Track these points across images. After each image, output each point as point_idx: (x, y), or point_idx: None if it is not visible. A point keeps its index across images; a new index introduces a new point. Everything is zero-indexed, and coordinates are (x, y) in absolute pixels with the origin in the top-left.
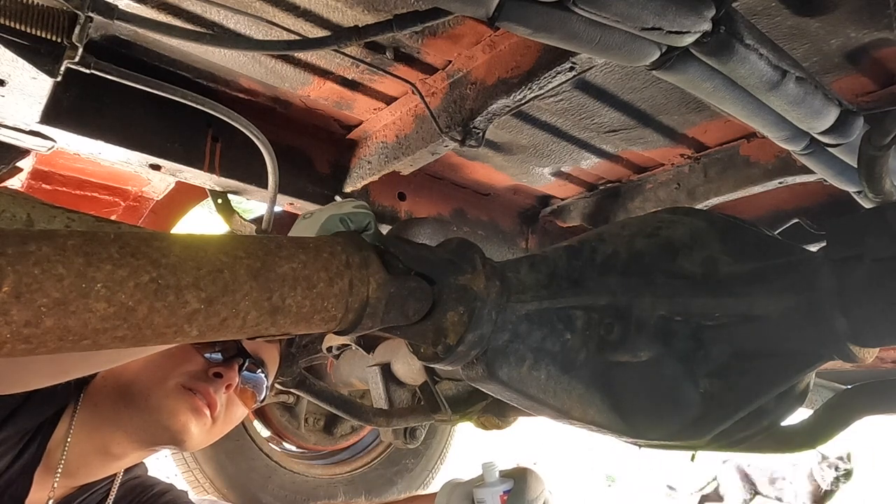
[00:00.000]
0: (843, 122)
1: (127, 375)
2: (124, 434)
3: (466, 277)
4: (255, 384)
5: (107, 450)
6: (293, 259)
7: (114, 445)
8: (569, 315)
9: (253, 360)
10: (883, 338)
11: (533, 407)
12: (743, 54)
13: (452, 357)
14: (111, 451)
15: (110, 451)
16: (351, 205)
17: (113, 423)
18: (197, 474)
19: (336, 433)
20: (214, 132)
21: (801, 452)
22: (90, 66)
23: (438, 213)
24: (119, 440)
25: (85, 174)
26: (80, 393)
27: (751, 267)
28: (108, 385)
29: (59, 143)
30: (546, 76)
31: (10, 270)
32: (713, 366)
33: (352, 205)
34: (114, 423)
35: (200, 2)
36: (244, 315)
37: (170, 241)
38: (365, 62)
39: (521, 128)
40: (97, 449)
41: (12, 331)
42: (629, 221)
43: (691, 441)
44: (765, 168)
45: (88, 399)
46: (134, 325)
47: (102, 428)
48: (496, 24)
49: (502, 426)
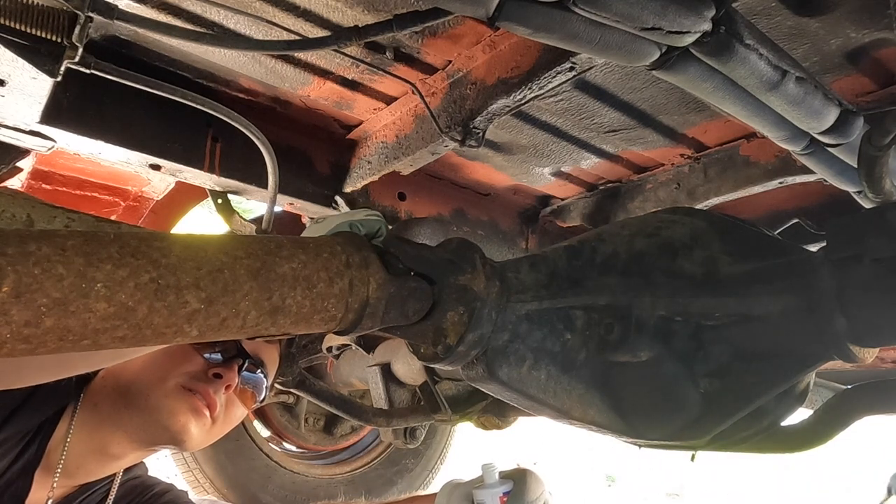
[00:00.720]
0: (843, 122)
1: (127, 375)
2: (124, 434)
3: (466, 277)
4: (255, 384)
5: (106, 450)
6: (293, 259)
7: (113, 445)
8: (569, 315)
9: (252, 361)
10: (883, 338)
11: (533, 407)
12: (743, 54)
13: (452, 357)
14: (110, 450)
15: (109, 451)
16: (363, 213)
17: (113, 423)
18: (197, 474)
19: (336, 433)
20: (214, 132)
21: (801, 453)
22: (90, 66)
23: (438, 213)
24: (119, 440)
25: (85, 174)
26: (80, 393)
27: (751, 267)
28: (108, 385)
29: (59, 143)
30: (546, 76)
31: (11, 270)
32: (713, 366)
33: (364, 213)
34: (113, 423)
35: (200, 2)
36: (244, 315)
37: (170, 241)
38: (365, 62)
39: (521, 128)
40: (96, 449)
41: (12, 331)
42: (629, 221)
43: (691, 441)
44: (765, 168)
45: (88, 399)
46: (134, 325)
47: (102, 428)
48: (496, 24)
49: (502, 426)
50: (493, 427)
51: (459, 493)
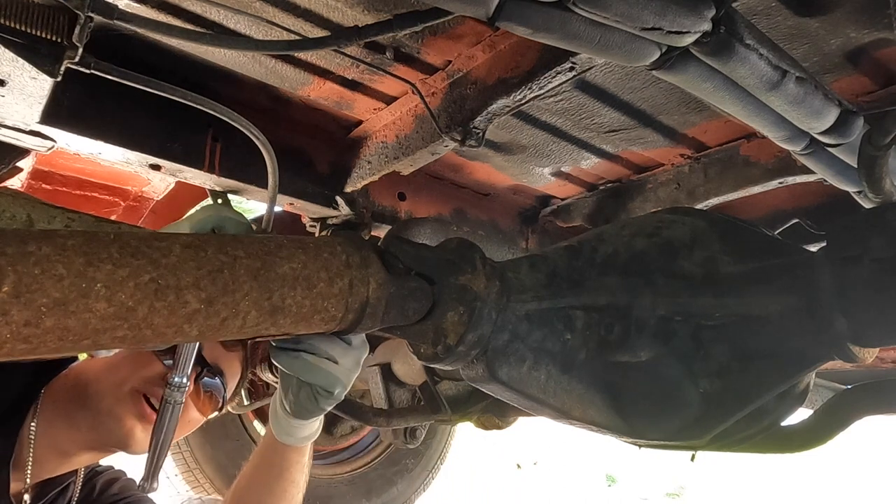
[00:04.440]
0: (843, 122)
1: (88, 376)
2: (77, 433)
3: (466, 277)
4: (213, 390)
5: (61, 448)
6: (293, 259)
7: (69, 444)
8: (569, 315)
9: (210, 369)
10: (883, 338)
11: (533, 407)
12: (743, 54)
13: (453, 357)
14: (64, 448)
15: (64, 450)
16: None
17: (68, 422)
18: (197, 474)
19: (336, 433)
20: (214, 132)
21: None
22: (90, 66)
23: (438, 213)
24: (74, 439)
25: (85, 174)
26: (40, 388)
27: (751, 267)
28: (69, 384)
29: (59, 143)
30: (546, 76)
31: (11, 270)
32: (713, 366)
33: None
34: (69, 422)
35: (200, 2)
36: (244, 315)
37: (170, 241)
38: (365, 62)
39: (522, 128)
40: (54, 446)
41: (12, 331)
42: (629, 221)
43: (691, 441)
44: (765, 168)
45: (50, 396)
46: (134, 325)
47: (59, 426)
48: (496, 24)
49: (502, 426)
50: (493, 427)
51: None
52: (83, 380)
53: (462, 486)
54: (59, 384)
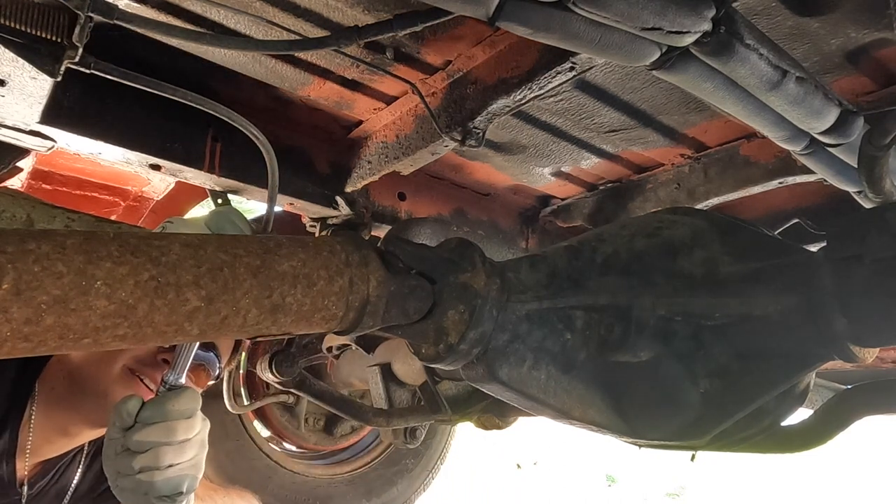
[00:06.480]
0: (844, 122)
1: (75, 360)
2: (79, 416)
3: (467, 276)
4: (208, 363)
5: (65, 430)
6: (293, 257)
7: (71, 426)
8: (569, 315)
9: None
10: (883, 338)
11: (533, 407)
12: (743, 54)
13: (454, 356)
14: (69, 431)
15: (69, 432)
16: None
17: (68, 406)
18: None
19: (336, 433)
20: (214, 132)
21: (801, 453)
22: (90, 66)
23: (438, 213)
24: (75, 421)
25: (85, 174)
26: (33, 380)
27: (751, 267)
28: (62, 369)
29: (59, 143)
30: (546, 76)
31: (10, 268)
32: (713, 366)
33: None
34: (69, 406)
35: (200, 2)
36: (245, 313)
37: (169, 239)
38: (365, 62)
39: (522, 128)
40: (56, 429)
41: (12, 329)
42: (629, 221)
43: (691, 441)
44: (765, 168)
45: (44, 384)
46: (134, 322)
47: (59, 410)
48: (496, 24)
49: (502, 426)
50: (493, 427)
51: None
52: (75, 364)
53: (462, 486)
54: (52, 372)
